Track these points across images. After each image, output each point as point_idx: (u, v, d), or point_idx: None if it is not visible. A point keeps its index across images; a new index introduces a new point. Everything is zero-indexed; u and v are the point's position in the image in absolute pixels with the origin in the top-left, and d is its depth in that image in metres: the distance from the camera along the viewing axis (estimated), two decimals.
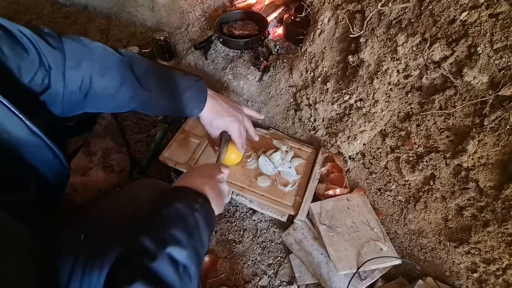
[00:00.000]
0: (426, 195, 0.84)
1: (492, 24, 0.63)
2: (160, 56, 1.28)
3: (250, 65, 1.15)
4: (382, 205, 0.93)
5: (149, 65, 0.63)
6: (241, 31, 1.20)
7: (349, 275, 0.79)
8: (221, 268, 0.87)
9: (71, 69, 0.52)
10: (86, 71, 0.53)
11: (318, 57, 0.98)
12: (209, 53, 1.23)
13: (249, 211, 0.97)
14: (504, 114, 0.65)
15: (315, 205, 0.90)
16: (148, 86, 0.61)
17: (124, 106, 0.61)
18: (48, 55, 0.48)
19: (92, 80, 0.54)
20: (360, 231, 0.85)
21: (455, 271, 0.80)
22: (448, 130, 0.76)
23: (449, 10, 0.68)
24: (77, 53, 0.53)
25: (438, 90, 0.76)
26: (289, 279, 0.84)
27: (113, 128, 1.06)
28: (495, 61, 0.64)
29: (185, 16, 1.32)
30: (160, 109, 0.66)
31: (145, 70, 0.61)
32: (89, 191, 0.87)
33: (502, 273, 0.73)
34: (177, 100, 0.66)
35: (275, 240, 0.91)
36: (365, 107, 0.87)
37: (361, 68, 0.85)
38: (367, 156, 0.97)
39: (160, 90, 0.63)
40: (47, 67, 0.48)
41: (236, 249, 0.90)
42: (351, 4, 0.85)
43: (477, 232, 0.75)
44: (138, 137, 1.13)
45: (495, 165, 0.71)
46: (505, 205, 0.69)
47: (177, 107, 0.66)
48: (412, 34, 0.73)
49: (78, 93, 0.54)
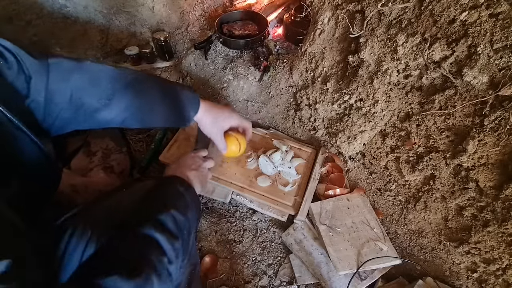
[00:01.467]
0: (426, 195, 0.84)
1: (492, 24, 0.63)
2: (160, 56, 1.28)
3: (250, 65, 1.15)
4: (382, 205, 0.93)
5: (140, 73, 0.62)
6: (241, 31, 1.20)
7: (349, 275, 0.79)
8: (221, 268, 0.87)
9: (58, 82, 0.50)
10: (76, 84, 0.52)
11: (318, 57, 0.98)
12: (209, 53, 1.23)
13: (249, 211, 0.97)
14: (504, 114, 0.65)
15: (315, 205, 0.90)
16: (142, 93, 0.60)
17: (119, 116, 0.59)
18: (29, 64, 0.47)
19: (83, 92, 0.53)
20: (360, 231, 0.85)
21: (455, 271, 0.80)
22: (448, 130, 0.76)
23: (449, 10, 0.68)
24: (66, 67, 0.52)
25: (438, 90, 0.76)
26: (289, 279, 0.84)
27: (113, 128, 1.06)
28: (495, 61, 0.64)
29: (185, 16, 1.32)
30: (156, 116, 0.65)
31: (137, 77, 0.60)
32: (90, 192, 0.87)
33: (502, 273, 0.73)
34: (172, 103, 0.65)
35: (275, 240, 0.91)
36: (365, 107, 0.87)
37: (361, 68, 0.85)
38: (367, 156, 0.97)
39: (154, 96, 0.62)
40: (27, 76, 0.47)
41: (236, 249, 0.90)
42: (351, 4, 0.85)
43: (477, 232, 0.75)
44: (138, 137, 1.13)
45: (495, 165, 0.71)
46: (505, 205, 0.69)
47: (173, 111, 0.65)
48: (412, 34, 0.73)
49: (68, 108, 0.52)
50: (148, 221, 0.48)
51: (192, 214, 0.56)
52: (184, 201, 0.57)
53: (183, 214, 0.53)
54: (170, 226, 0.49)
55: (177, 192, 0.58)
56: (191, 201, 0.59)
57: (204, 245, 0.91)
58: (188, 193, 0.60)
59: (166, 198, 0.55)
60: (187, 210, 0.55)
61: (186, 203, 0.57)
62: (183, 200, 0.57)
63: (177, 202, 0.55)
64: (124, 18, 1.20)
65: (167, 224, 0.49)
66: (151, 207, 0.52)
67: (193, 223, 0.57)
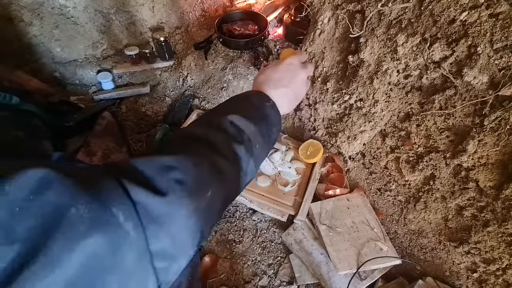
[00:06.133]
0: (426, 195, 0.84)
1: (492, 24, 0.63)
2: (160, 56, 1.28)
3: (250, 65, 1.15)
4: (382, 205, 0.93)
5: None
6: (241, 31, 1.20)
7: (349, 275, 0.79)
8: (221, 268, 0.87)
9: None
10: None
11: (318, 57, 0.98)
12: (209, 53, 1.23)
13: (249, 211, 0.97)
14: (504, 114, 0.65)
15: (315, 205, 0.90)
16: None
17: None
18: None
19: None
20: (360, 231, 0.85)
21: (455, 271, 0.80)
22: (448, 130, 0.76)
23: (449, 10, 0.68)
24: None
25: (438, 90, 0.76)
26: (289, 279, 0.84)
27: (113, 128, 1.06)
28: (495, 61, 0.64)
29: (185, 16, 1.32)
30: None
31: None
32: None
33: (502, 273, 0.73)
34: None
35: (275, 240, 0.91)
36: (365, 107, 0.87)
37: (361, 68, 0.85)
38: (367, 156, 0.97)
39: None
40: None
41: (236, 249, 0.90)
42: (351, 4, 0.85)
43: (477, 232, 0.75)
44: (138, 137, 1.13)
45: (495, 165, 0.71)
46: (505, 205, 0.69)
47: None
48: (412, 34, 0.73)
49: None
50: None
51: (265, 126, 0.44)
52: (257, 111, 0.44)
53: (248, 119, 0.41)
54: (223, 125, 0.39)
55: (249, 101, 0.46)
56: (268, 115, 0.46)
57: (204, 245, 0.91)
58: (266, 107, 0.46)
59: (230, 105, 0.45)
60: (259, 120, 0.43)
61: (261, 114, 0.44)
62: (255, 109, 0.45)
63: (244, 108, 0.43)
64: (124, 18, 1.20)
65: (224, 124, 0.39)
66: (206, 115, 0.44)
67: (266, 139, 0.44)
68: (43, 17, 1.09)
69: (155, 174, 0.30)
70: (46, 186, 0.24)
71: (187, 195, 0.31)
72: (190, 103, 1.19)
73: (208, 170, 0.35)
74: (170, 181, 0.31)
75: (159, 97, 1.25)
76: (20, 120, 0.78)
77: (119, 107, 1.21)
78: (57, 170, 0.26)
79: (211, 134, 0.38)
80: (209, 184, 0.34)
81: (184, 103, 1.19)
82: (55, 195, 0.24)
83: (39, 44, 1.15)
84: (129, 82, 1.27)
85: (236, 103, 0.47)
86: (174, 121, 1.13)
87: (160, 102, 1.24)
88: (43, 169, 0.25)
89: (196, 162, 0.34)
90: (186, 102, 1.19)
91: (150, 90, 1.25)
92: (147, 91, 1.24)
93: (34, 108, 0.84)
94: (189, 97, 1.20)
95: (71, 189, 0.25)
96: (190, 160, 0.34)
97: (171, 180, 0.31)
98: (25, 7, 1.05)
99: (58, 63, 1.22)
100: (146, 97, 1.24)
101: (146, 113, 1.21)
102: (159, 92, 1.27)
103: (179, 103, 1.19)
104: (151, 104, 1.23)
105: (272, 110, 0.47)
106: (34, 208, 0.23)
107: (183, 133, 0.40)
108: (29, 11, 1.06)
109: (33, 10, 1.07)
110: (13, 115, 0.77)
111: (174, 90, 1.27)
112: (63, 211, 0.24)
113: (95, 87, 1.26)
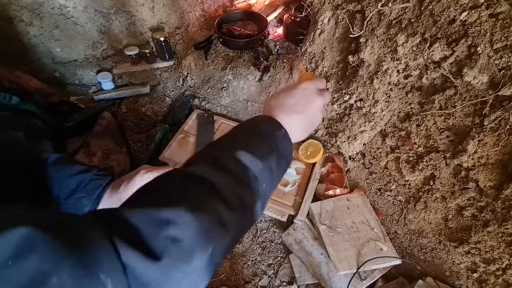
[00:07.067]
0: (426, 195, 0.84)
1: (492, 24, 0.63)
2: (160, 56, 1.28)
3: (250, 65, 1.15)
4: (382, 205, 0.93)
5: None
6: (241, 31, 1.20)
7: (349, 275, 0.79)
8: (221, 268, 0.87)
9: None
10: None
11: (318, 57, 0.98)
12: (209, 53, 1.23)
13: None
14: (504, 114, 0.65)
15: (315, 205, 0.90)
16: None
17: None
18: None
19: None
20: (360, 231, 0.85)
21: (455, 271, 0.80)
22: (448, 130, 0.76)
23: (449, 10, 0.68)
24: None
25: (438, 90, 0.76)
26: (289, 279, 0.84)
27: (113, 128, 1.06)
28: (495, 61, 0.64)
29: (185, 16, 1.32)
30: None
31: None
32: None
33: (502, 273, 0.73)
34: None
35: (275, 240, 0.91)
36: (365, 107, 0.87)
37: (361, 68, 0.85)
38: (367, 156, 0.97)
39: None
40: None
41: (236, 249, 0.90)
42: (351, 4, 0.85)
43: (477, 232, 0.75)
44: (138, 137, 1.13)
45: (495, 165, 0.71)
46: (505, 205, 0.69)
47: None
48: (412, 34, 0.73)
49: None
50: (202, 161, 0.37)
51: (274, 161, 0.40)
52: (266, 143, 0.40)
53: (256, 155, 0.38)
54: (227, 164, 0.36)
55: (258, 131, 0.42)
56: (279, 146, 0.41)
57: None
58: (277, 138, 0.42)
59: (237, 136, 0.41)
60: (267, 155, 0.39)
61: (270, 146, 0.40)
62: (264, 141, 0.41)
63: (252, 141, 0.40)
64: (124, 18, 1.20)
65: (223, 162, 0.36)
66: (212, 146, 0.40)
67: (274, 174, 0.40)
68: (43, 17, 1.09)
69: (150, 231, 0.28)
70: (29, 249, 0.22)
71: (184, 256, 0.29)
72: (190, 103, 1.19)
73: (210, 223, 0.32)
74: (166, 240, 0.28)
75: (159, 97, 1.25)
76: (20, 120, 0.78)
77: (119, 107, 1.21)
78: (44, 228, 0.23)
79: (216, 176, 0.35)
80: (209, 240, 0.31)
81: (184, 103, 1.19)
82: (39, 260, 0.22)
83: (39, 44, 1.15)
84: (129, 82, 1.27)
85: (244, 134, 0.43)
86: (174, 121, 1.13)
87: (160, 102, 1.24)
88: (29, 228, 0.23)
89: (196, 215, 0.31)
90: (186, 102, 1.19)
91: (150, 90, 1.25)
92: (147, 91, 1.24)
93: (34, 108, 0.84)
94: (189, 97, 1.20)
95: (58, 253, 0.23)
96: (190, 213, 0.30)
97: (167, 239, 0.28)
98: (25, 7, 1.05)
99: (58, 63, 1.22)
100: (146, 97, 1.24)
101: (146, 113, 1.21)
102: (159, 92, 1.27)
103: (179, 103, 1.19)
104: (151, 104, 1.23)
105: (283, 140, 0.42)
106: (12, 275, 0.21)
107: (187, 171, 0.36)
108: (29, 11, 1.06)
109: (33, 10, 1.07)
110: (13, 115, 0.77)
111: (174, 90, 1.27)
112: (43, 280, 0.21)
113: (95, 87, 1.26)
